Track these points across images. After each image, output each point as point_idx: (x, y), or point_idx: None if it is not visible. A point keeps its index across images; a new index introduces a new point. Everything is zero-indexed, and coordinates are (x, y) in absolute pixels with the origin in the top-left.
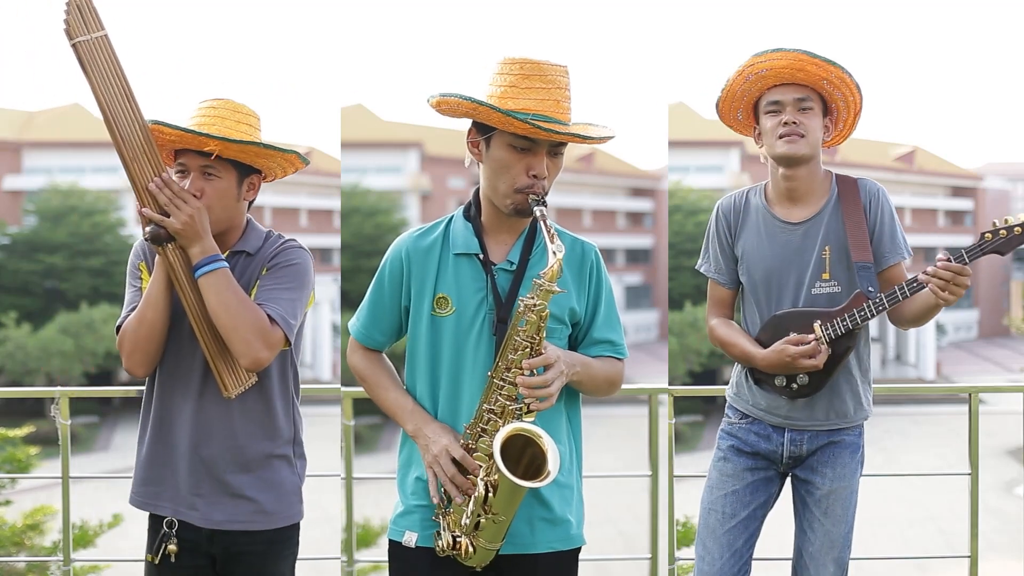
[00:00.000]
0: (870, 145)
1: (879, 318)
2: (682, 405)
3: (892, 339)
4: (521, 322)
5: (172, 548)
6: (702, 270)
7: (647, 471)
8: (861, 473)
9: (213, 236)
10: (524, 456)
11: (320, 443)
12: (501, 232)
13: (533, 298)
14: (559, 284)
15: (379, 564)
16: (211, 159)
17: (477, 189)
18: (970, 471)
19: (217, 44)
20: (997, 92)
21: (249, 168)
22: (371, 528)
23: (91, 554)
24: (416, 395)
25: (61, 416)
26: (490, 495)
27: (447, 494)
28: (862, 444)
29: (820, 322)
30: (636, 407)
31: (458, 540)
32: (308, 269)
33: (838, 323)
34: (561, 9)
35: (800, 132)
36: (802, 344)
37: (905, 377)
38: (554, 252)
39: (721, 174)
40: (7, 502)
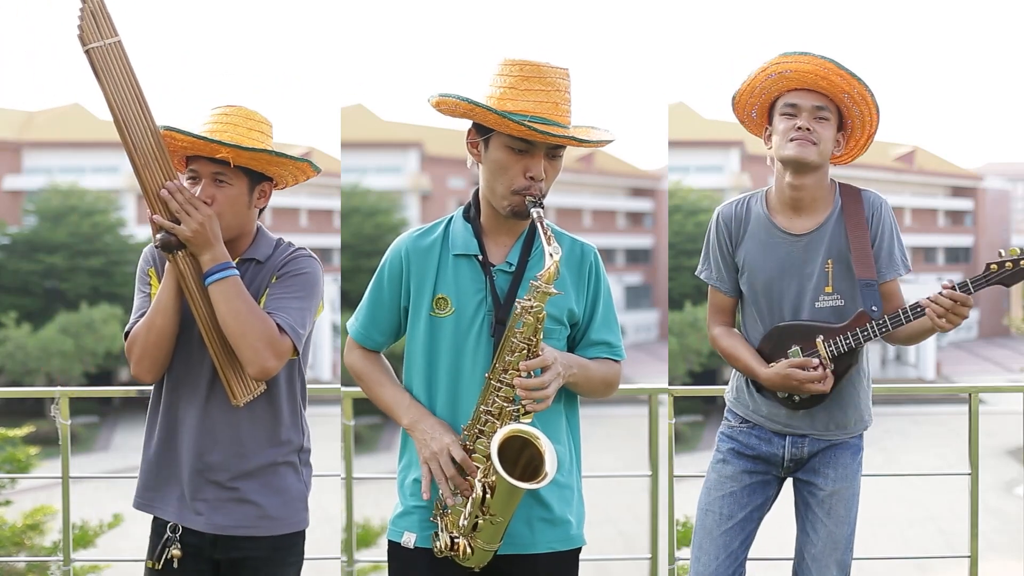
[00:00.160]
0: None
1: None
2: (682, 405)
3: None
4: (518, 324)
5: (176, 553)
6: (702, 276)
7: (647, 471)
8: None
9: (224, 243)
10: (522, 457)
11: (320, 443)
12: (500, 233)
13: (530, 300)
14: (557, 285)
15: (379, 564)
16: (223, 166)
17: (477, 190)
18: (970, 471)
19: (217, 44)
20: (997, 92)
21: (260, 175)
22: (371, 528)
23: (91, 554)
24: (413, 395)
25: (61, 416)
26: (487, 496)
27: (442, 494)
28: (862, 446)
29: (823, 338)
30: (636, 407)
31: (456, 541)
32: (318, 279)
33: (840, 341)
34: (561, 9)
35: (813, 139)
36: (809, 368)
37: (905, 377)
38: (551, 254)
39: (721, 174)
40: (7, 502)
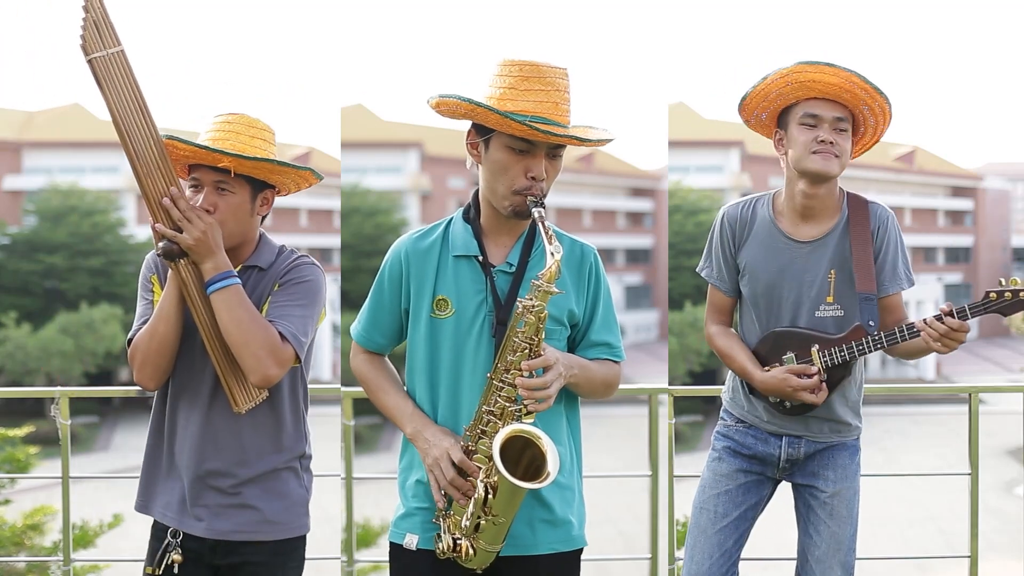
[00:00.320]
0: None
1: None
2: (682, 405)
3: None
4: (520, 323)
5: (177, 558)
6: (703, 274)
7: (647, 471)
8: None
9: (226, 251)
10: (523, 457)
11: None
12: (500, 234)
13: (531, 299)
14: (558, 285)
15: (379, 564)
16: (225, 174)
17: (477, 191)
18: (970, 471)
19: (218, 45)
20: (997, 92)
21: (263, 183)
22: (371, 528)
23: (91, 554)
24: (415, 397)
25: (61, 416)
26: (490, 497)
27: (446, 495)
28: (860, 446)
29: (818, 348)
30: (636, 407)
31: (458, 542)
32: (320, 286)
33: (835, 353)
34: (561, 9)
35: (835, 152)
36: (805, 376)
37: (905, 377)
38: (552, 253)
39: (721, 174)
40: (7, 502)
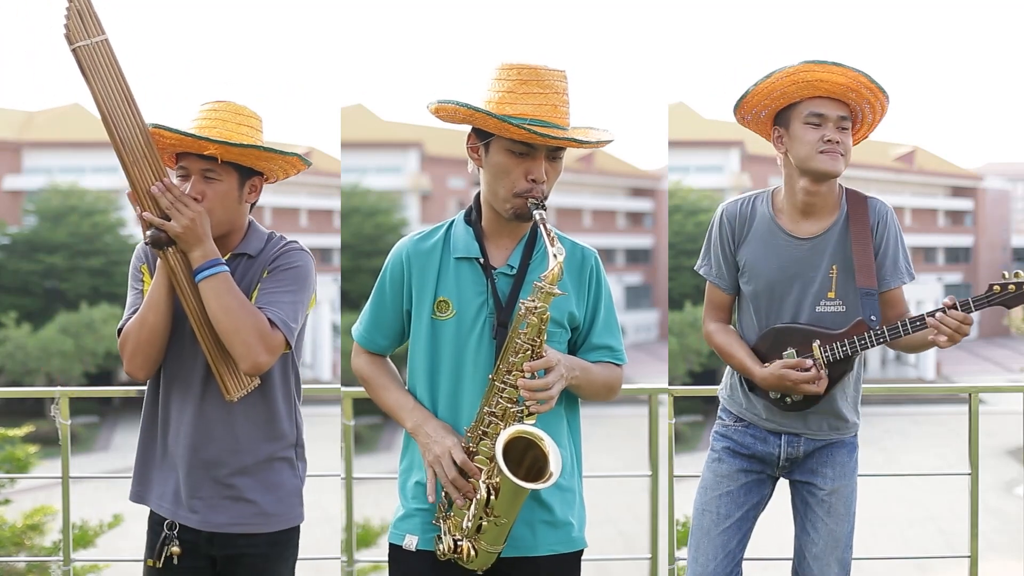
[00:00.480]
0: (870, 145)
1: None
2: (682, 405)
3: None
4: (522, 325)
5: (175, 550)
6: (701, 272)
7: (647, 471)
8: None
9: (215, 239)
10: (526, 458)
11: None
12: (502, 236)
13: (534, 300)
14: (559, 288)
15: (379, 564)
16: (212, 162)
17: (478, 193)
18: (970, 471)
19: (218, 44)
20: (997, 92)
21: (251, 170)
22: (371, 528)
23: (91, 554)
24: (416, 398)
25: (61, 416)
26: (492, 497)
27: (447, 496)
28: (858, 444)
29: (819, 343)
30: (636, 407)
31: (459, 544)
32: (309, 271)
33: (837, 347)
34: (561, 9)
35: (841, 151)
36: (802, 369)
37: (905, 377)
38: (555, 255)
39: (721, 174)
40: (7, 502)
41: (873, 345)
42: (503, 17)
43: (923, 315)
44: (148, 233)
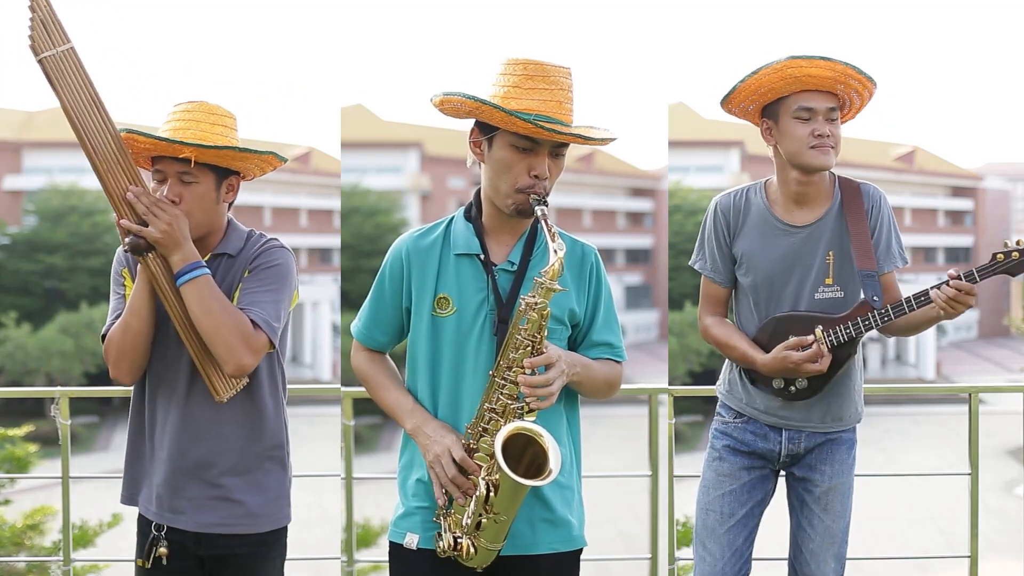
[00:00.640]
0: (870, 145)
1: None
2: (682, 405)
3: (892, 339)
4: (523, 320)
5: (163, 551)
6: (696, 267)
7: (647, 471)
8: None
9: (194, 240)
10: (525, 456)
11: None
12: (502, 233)
13: (534, 296)
14: (560, 284)
15: (379, 564)
16: (188, 164)
17: (478, 190)
18: (970, 471)
19: (219, 44)
20: (997, 92)
21: (227, 170)
22: (371, 528)
23: (91, 554)
24: (416, 395)
25: (61, 416)
26: (491, 495)
27: (447, 493)
28: (856, 440)
29: (822, 328)
30: (636, 407)
31: (459, 541)
32: (290, 269)
33: (841, 330)
34: (562, 9)
35: (831, 144)
36: (803, 348)
37: (905, 377)
38: (555, 251)
39: (721, 174)
40: (7, 502)
41: (878, 325)
42: (503, 17)
43: (926, 290)
44: (127, 240)
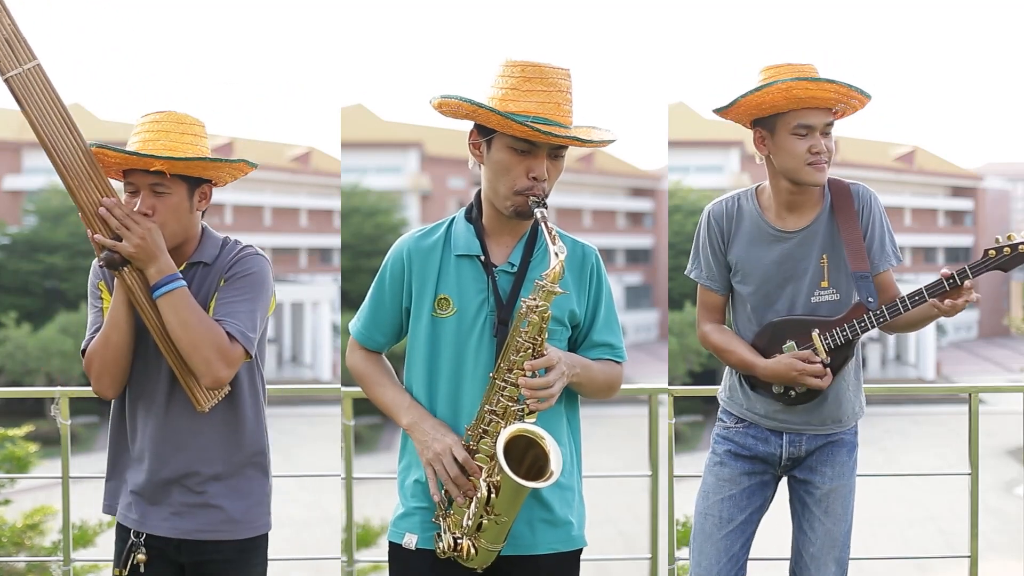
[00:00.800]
0: (870, 145)
1: None
2: (682, 405)
3: (892, 339)
4: (523, 323)
5: (141, 557)
6: (692, 276)
7: (647, 471)
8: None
9: (169, 249)
10: (526, 457)
11: (320, 443)
12: (502, 234)
13: (535, 299)
14: (560, 285)
15: (379, 564)
16: (160, 176)
17: (479, 191)
18: (970, 471)
19: (219, 44)
20: (997, 92)
21: (199, 179)
22: (371, 528)
23: (91, 554)
24: (415, 395)
25: (61, 416)
26: (492, 496)
27: (447, 494)
28: (858, 443)
29: (818, 331)
30: (636, 407)
31: (459, 542)
32: (265, 276)
33: (837, 333)
34: (562, 9)
35: (826, 159)
36: (810, 362)
37: (905, 377)
38: (556, 253)
39: (721, 174)
40: (7, 502)
41: (873, 326)
42: (503, 17)
43: (920, 289)
44: (102, 255)
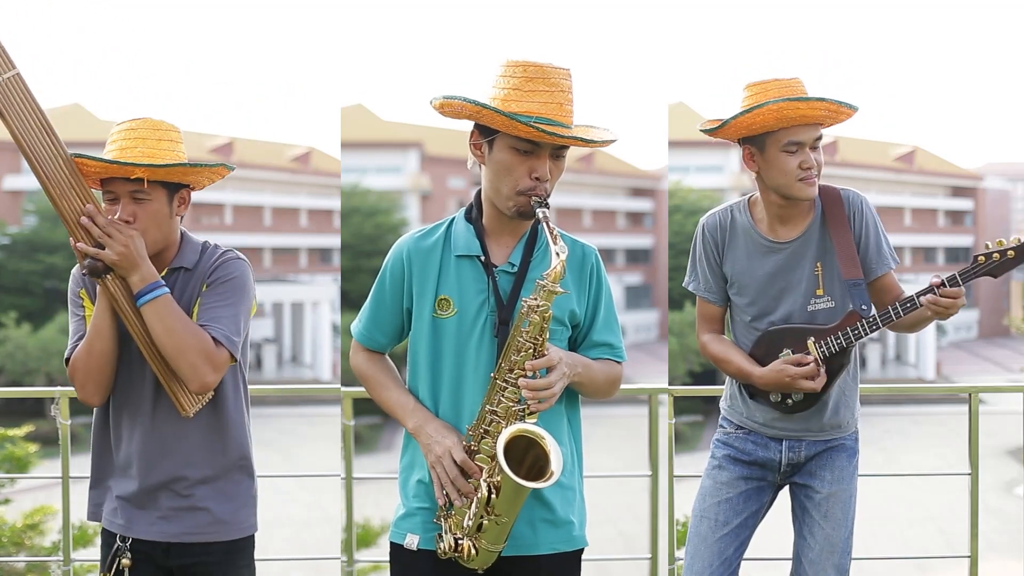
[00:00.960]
0: (870, 145)
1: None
2: (682, 405)
3: (892, 339)
4: (524, 323)
5: (126, 562)
6: (690, 288)
7: (647, 471)
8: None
9: (151, 255)
10: (527, 457)
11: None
12: (503, 234)
13: (536, 299)
14: (560, 285)
15: (379, 564)
16: (139, 183)
17: (479, 191)
18: (970, 471)
19: (219, 44)
20: (997, 92)
21: (178, 184)
22: (371, 528)
23: (91, 554)
24: (418, 396)
25: (61, 416)
26: (493, 496)
27: (447, 495)
28: (858, 449)
29: (814, 339)
30: (636, 407)
31: (460, 542)
32: (247, 280)
33: (832, 341)
34: (562, 10)
35: (816, 173)
36: (802, 365)
37: (905, 377)
38: (557, 253)
39: (721, 174)
40: (7, 501)
41: (867, 333)
42: (503, 17)
43: (912, 296)
44: (85, 263)
